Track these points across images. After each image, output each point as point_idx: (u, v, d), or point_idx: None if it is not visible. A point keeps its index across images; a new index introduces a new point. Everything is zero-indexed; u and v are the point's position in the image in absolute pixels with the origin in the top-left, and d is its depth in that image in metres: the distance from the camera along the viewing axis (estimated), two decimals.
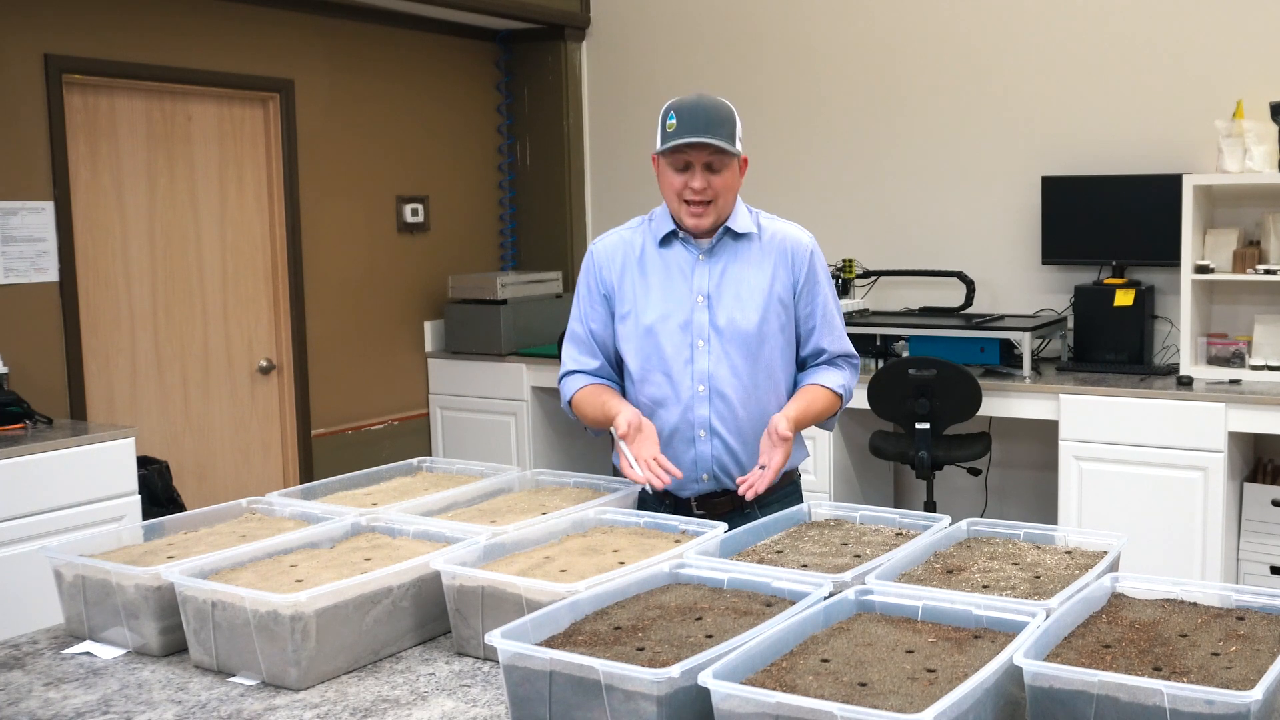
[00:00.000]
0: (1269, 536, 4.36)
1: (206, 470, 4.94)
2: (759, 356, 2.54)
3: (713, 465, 2.54)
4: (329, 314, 5.37)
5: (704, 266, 2.55)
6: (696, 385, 2.53)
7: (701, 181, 2.46)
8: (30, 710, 1.72)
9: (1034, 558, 2.02)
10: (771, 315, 2.54)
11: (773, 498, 2.58)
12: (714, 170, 2.46)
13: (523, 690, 1.58)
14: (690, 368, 2.53)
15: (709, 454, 2.54)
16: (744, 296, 2.53)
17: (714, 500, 2.55)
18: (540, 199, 6.21)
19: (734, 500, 2.54)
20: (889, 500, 5.40)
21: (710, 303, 2.53)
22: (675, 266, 2.56)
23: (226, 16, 4.91)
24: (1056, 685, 1.45)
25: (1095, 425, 4.37)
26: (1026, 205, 5.09)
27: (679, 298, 2.54)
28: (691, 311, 2.53)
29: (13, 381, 4.11)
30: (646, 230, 2.61)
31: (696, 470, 2.54)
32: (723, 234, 2.55)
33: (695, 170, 2.46)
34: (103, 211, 4.56)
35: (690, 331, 2.53)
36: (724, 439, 2.54)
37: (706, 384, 2.52)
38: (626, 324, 2.58)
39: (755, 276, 2.54)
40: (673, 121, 2.44)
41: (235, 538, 2.16)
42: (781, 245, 2.57)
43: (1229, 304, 4.71)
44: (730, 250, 2.56)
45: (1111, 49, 4.91)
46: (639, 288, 2.57)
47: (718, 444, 2.54)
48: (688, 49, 5.86)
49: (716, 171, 2.47)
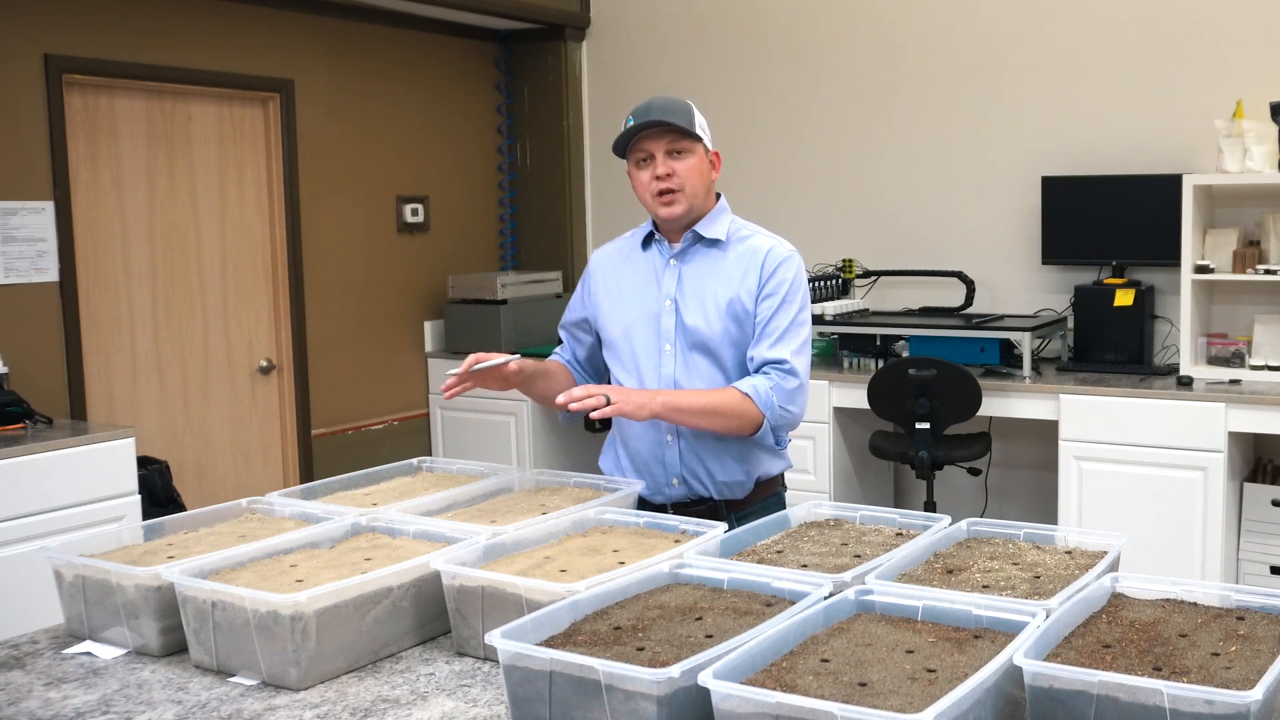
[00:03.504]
0: (1269, 536, 4.36)
1: (206, 470, 4.94)
2: (723, 362, 2.54)
3: (681, 470, 2.56)
4: (329, 314, 5.37)
5: (673, 270, 2.57)
6: (663, 388, 2.54)
7: (665, 168, 2.48)
8: (30, 710, 1.72)
9: (1034, 558, 2.02)
10: (732, 324, 2.53)
11: (752, 508, 2.59)
12: (676, 156, 2.49)
13: (523, 690, 1.58)
14: (657, 370, 2.56)
15: (677, 458, 2.55)
16: (708, 303, 2.54)
17: (690, 509, 2.55)
18: (540, 199, 6.21)
19: (710, 509, 2.56)
20: (889, 500, 5.40)
21: (677, 307, 2.55)
22: (649, 270, 2.60)
23: (226, 16, 4.91)
24: (1056, 685, 1.45)
25: (1095, 425, 4.37)
26: (1026, 205, 5.10)
27: (650, 301, 2.57)
28: (660, 315, 2.56)
29: (13, 381, 4.11)
30: (635, 236, 2.67)
31: (666, 475, 2.56)
32: (693, 240, 2.57)
33: (657, 159, 2.49)
34: (103, 211, 4.56)
35: (658, 335, 2.56)
36: (690, 443, 2.55)
37: (673, 387, 2.53)
38: (607, 329, 2.63)
39: (720, 284, 2.54)
40: (630, 122, 2.50)
41: (235, 538, 2.16)
42: (754, 253, 2.55)
43: (1229, 304, 4.71)
44: (699, 256, 2.57)
45: (1112, 49, 4.91)
46: (618, 291, 2.62)
47: (685, 448, 2.55)
48: (688, 49, 5.86)
49: (679, 157, 2.49)
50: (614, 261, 2.67)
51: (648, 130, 2.48)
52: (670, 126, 2.46)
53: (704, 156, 2.54)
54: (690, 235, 2.56)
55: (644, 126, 2.47)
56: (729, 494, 2.57)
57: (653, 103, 2.51)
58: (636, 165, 2.53)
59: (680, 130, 2.47)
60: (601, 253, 2.73)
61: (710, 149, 2.56)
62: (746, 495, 2.59)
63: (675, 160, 2.49)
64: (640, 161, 2.52)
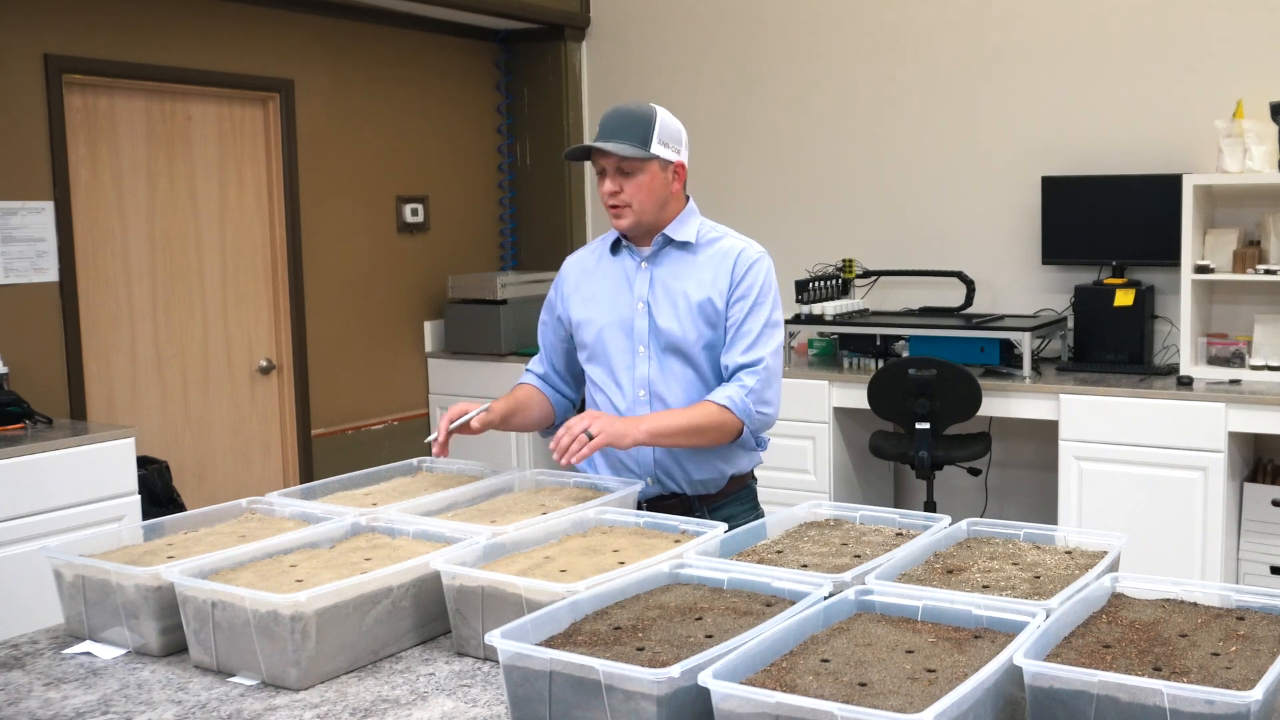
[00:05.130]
0: (1269, 536, 4.35)
1: (206, 470, 4.94)
2: (696, 364, 2.57)
3: (655, 469, 2.58)
4: (329, 314, 5.37)
5: (644, 274, 2.59)
6: (638, 390, 2.57)
7: (613, 184, 2.51)
8: (30, 710, 1.72)
9: (1034, 558, 2.02)
10: (704, 325, 2.55)
11: (724, 500, 2.63)
12: (625, 174, 2.50)
13: (523, 690, 1.58)
14: (631, 373, 2.58)
15: (651, 458, 2.57)
16: (679, 305, 2.56)
17: (663, 504, 2.57)
18: (540, 199, 6.21)
19: (682, 503, 2.58)
20: (889, 500, 5.40)
21: (650, 310, 2.57)
22: (620, 274, 2.62)
23: (226, 16, 4.91)
24: (1056, 685, 1.45)
25: (1095, 425, 4.37)
26: (1026, 205, 5.09)
27: (622, 304, 2.60)
28: (633, 318, 2.58)
29: (13, 381, 4.10)
30: (604, 242, 2.69)
31: (641, 473, 2.58)
32: (664, 243, 2.59)
33: (608, 174, 2.52)
34: (103, 211, 4.56)
35: (632, 338, 2.58)
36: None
37: (647, 389, 2.57)
38: (581, 331, 2.65)
39: (690, 287, 2.56)
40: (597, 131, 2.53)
41: (235, 538, 2.16)
42: (725, 255, 2.57)
43: (1229, 304, 4.71)
44: (670, 259, 2.59)
45: (1111, 49, 4.91)
46: (590, 295, 2.64)
47: (661, 450, 2.56)
48: (688, 49, 5.86)
49: (628, 175, 2.50)
50: (585, 266, 2.70)
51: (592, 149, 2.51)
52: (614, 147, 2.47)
53: (658, 173, 2.51)
54: (661, 239, 2.59)
55: (587, 151, 2.51)
56: (702, 490, 2.61)
57: (615, 113, 2.52)
58: (598, 173, 2.56)
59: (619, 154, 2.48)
60: (573, 258, 2.76)
61: (673, 161, 2.53)
62: (720, 490, 2.62)
63: (624, 178, 2.51)
64: (599, 171, 2.55)
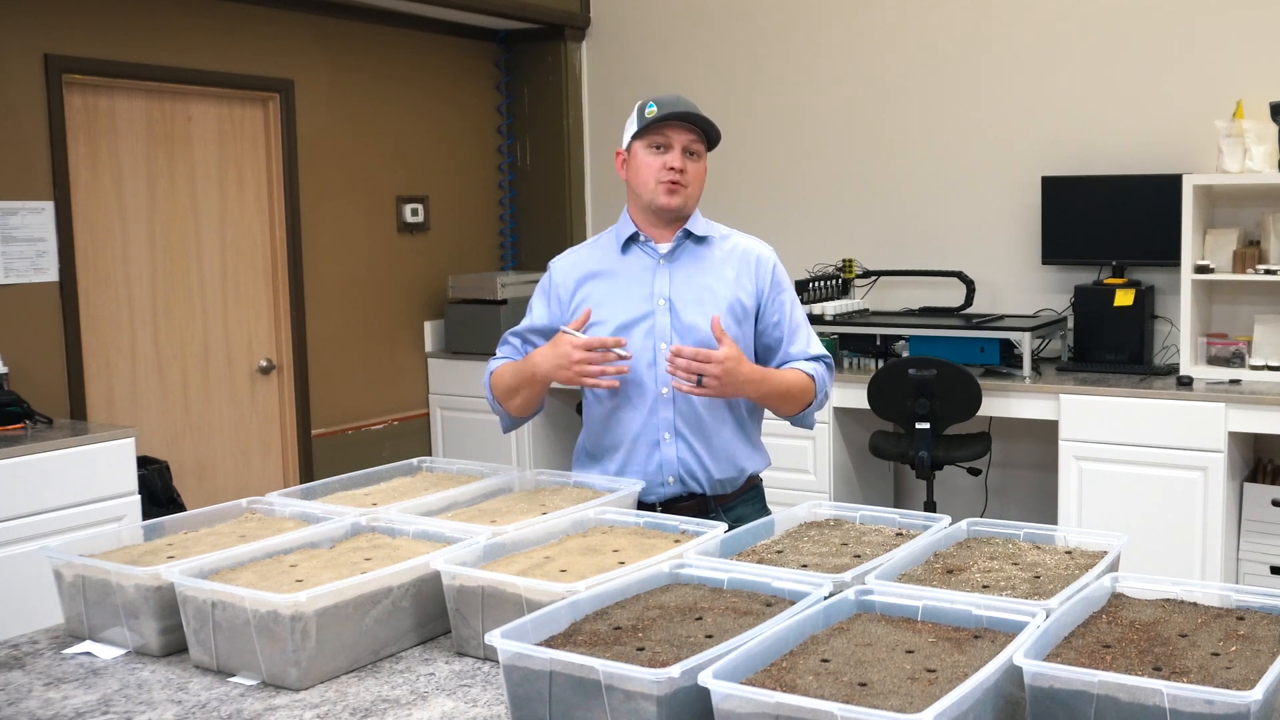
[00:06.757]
0: (1269, 536, 4.35)
1: (206, 470, 4.94)
2: None
3: (678, 468, 2.56)
4: (329, 314, 5.37)
5: (664, 270, 2.58)
6: (660, 388, 2.55)
7: (680, 162, 2.53)
8: (30, 710, 1.72)
9: (1034, 558, 2.02)
10: (731, 320, 2.56)
11: (735, 501, 2.62)
12: (691, 155, 2.55)
13: (523, 690, 1.58)
14: (654, 370, 2.55)
15: (674, 457, 2.56)
16: (705, 300, 2.56)
17: (679, 505, 2.56)
18: (540, 199, 6.21)
19: (699, 505, 2.57)
20: (889, 500, 5.40)
21: (672, 306, 2.56)
22: (636, 271, 2.60)
23: (226, 16, 4.91)
24: (1056, 685, 1.45)
25: (1095, 425, 4.37)
26: (1026, 205, 5.09)
27: (640, 301, 2.57)
28: (654, 315, 2.56)
29: (13, 381, 4.10)
30: (607, 242, 2.66)
31: (662, 474, 2.56)
32: (683, 238, 2.59)
33: (675, 150, 2.53)
34: (103, 211, 4.56)
35: (653, 335, 2.55)
36: (689, 441, 2.56)
37: (670, 387, 2.53)
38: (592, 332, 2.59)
39: (716, 281, 2.58)
40: (653, 109, 2.53)
41: (235, 538, 2.16)
42: (745, 255, 2.63)
43: (1229, 304, 4.71)
44: (690, 254, 2.60)
45: (1111, 49, 4.91)
46: (602, 295, 2.59)
47: (682, 446, 2.55)
48: (688, 49, 5.86)
49: (693, 157, 2.55)
50: (587, 267, 2.64)
51: (678, 120, 2.51)
52: (700, 125, 2.52)
53: (707, 166, 2.61)
54: (682, 233, 2.59)
55: (679, 116, 2.51)
56: (721, 490, 2.60)
57: (680, 98, 2.56)
58: (650, 149, 2.54)
59: (703, 132, 2.54)
60: (566, 261, 2.68)
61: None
62: (736, 490, 2.62)
63: (689, 159, 2.55)
64: (656, 146, 2.53)
